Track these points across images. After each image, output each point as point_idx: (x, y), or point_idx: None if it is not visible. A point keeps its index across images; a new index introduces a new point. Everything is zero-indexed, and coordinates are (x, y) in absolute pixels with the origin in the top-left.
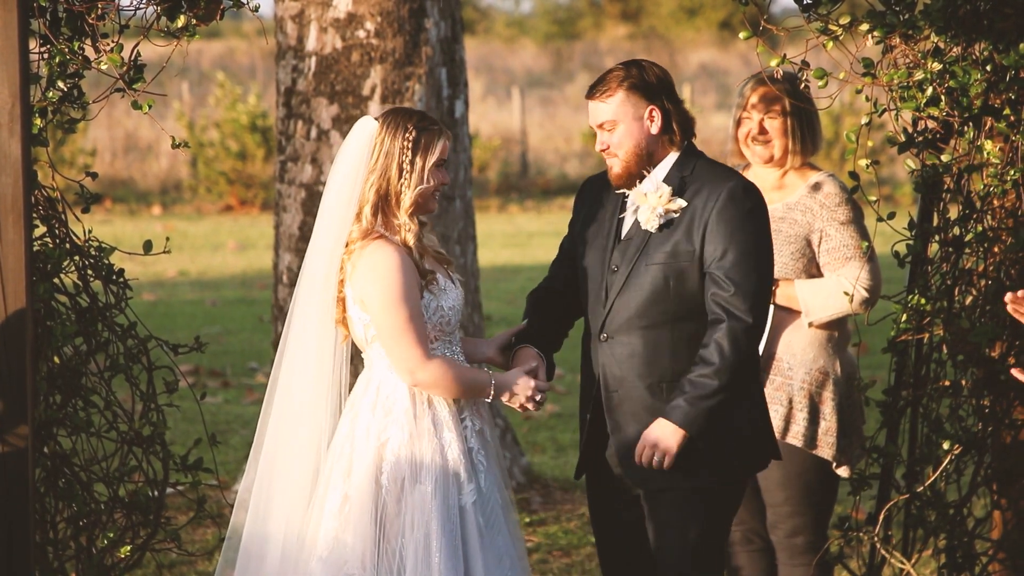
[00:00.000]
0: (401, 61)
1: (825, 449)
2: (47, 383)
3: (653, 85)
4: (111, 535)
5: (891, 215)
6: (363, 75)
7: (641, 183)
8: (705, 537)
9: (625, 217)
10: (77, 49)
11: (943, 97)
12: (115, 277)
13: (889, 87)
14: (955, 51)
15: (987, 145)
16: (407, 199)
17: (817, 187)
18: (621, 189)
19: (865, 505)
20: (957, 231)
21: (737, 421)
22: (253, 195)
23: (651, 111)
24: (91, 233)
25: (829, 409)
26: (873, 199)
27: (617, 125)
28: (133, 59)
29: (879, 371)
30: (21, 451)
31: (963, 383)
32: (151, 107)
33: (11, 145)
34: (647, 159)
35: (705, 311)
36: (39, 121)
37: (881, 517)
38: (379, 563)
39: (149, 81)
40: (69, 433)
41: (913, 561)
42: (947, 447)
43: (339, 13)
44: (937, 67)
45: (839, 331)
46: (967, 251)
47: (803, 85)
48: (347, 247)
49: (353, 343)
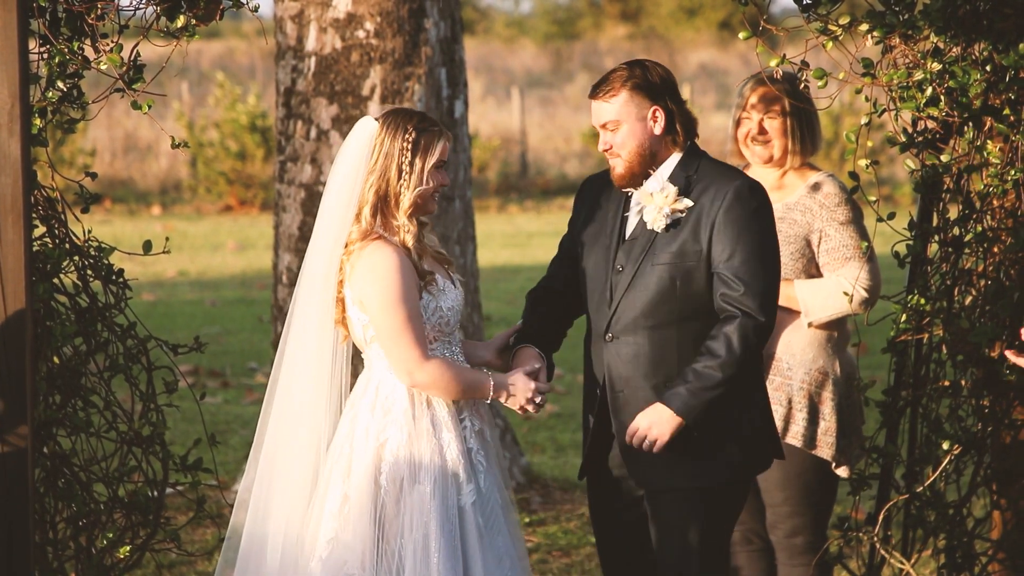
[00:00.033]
0: (401, 61)
1: (824, 449)
2: (47, 383)
3: (657, 85)
4: (111, 535)
5: (891, 215)
6: (363, 75)
7: (646, 183)
8: (708, 537)
9: (629, 217)
10: (77, 49)
11: (943, 97)
12: (115, 277)
13: (889, 87)
14: (955, 51)
15: (989, 146)
16: (406, 200)
17: (816, 187)
18: (625, 189)
19: (865, 505)
20: (957, 231)
21: (741, 421)
22: (253, 195)
23: (654, 111)
24: (91, 233)
25: (828, 409)
26: (873, 199)
27: (620, 125)
28: (133, 59)
29: (879, 371)
30: (21, 451)
31: (963, 383)
32: (151, 107)
33: (11, 145)
34: (650, 159)
35: (711, 311)
36: (39, 121)
37: (881, 517)
38: (378, 563)
39: (149, 81)
40: (69, 433)
41: (913, 561)
42: (947, 447)
43: (339, 13)
44: (937, 67)
45: (838, 331)
46: (967, 251)
47: (803, 85)
48: (346, 248)
49: (353, 343)
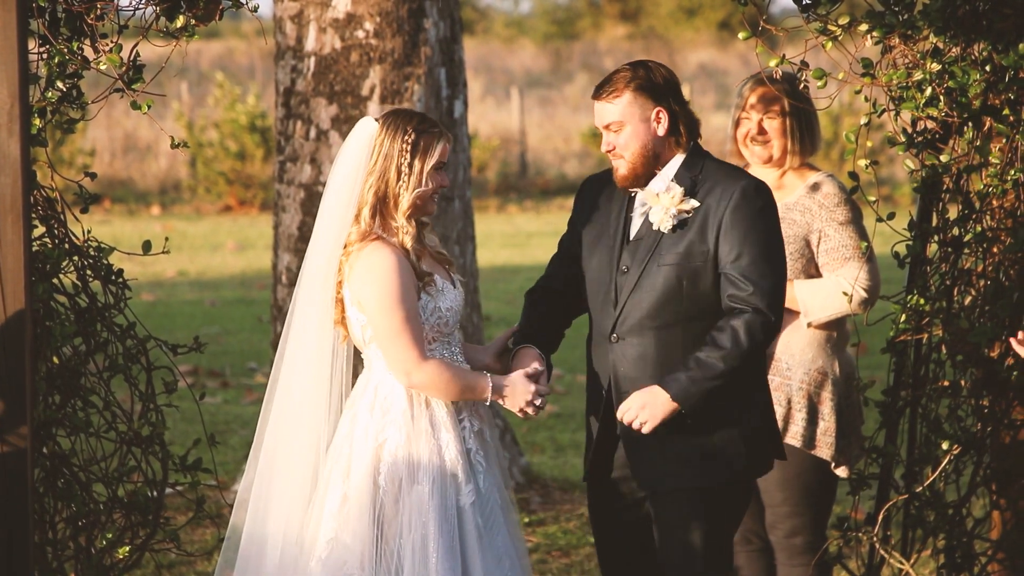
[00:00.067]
0: (400, 61)
1: (824, 449)
2: (46, 383)
3: (660, 86)
4: (110, 535)
5: (891, 215)
6: (362, 75)
7: (651, 184)
8: (711, 538)
9: (633, 217)
10: (76, 49)
11: (942, 97)
12: (114, 277)
13: (888, 87)
14: (954, 51)
15: (992, 147)
16: (405, 201)
17: (816, 187)
18: (629, 190)
19: (864, 505)
20: (956, 231)
21: (744, 421)
22: (252, 195)
23: (658, 112)
24: (90, 233)
25: (828, 409)
26: (872, 199)
27: (624, 126)
28: (132, 59)
29: (878, 371)
30: (20, 451)
31: (962, 383)
32: (150, 107)
33: (10, 145)
34: (654, 161)
35: (717, 311)
36: (38, 121)
37: (880, 517)
38: (378, 564)
39: (148, 81)
40: (68, 433)
41: (912, 561)
42: (946, 447)
43: (338, 13)
44: (936, 67)
45: (838, 331)
46: (966, 251)
47: (802, 85)
48: (345, 248)
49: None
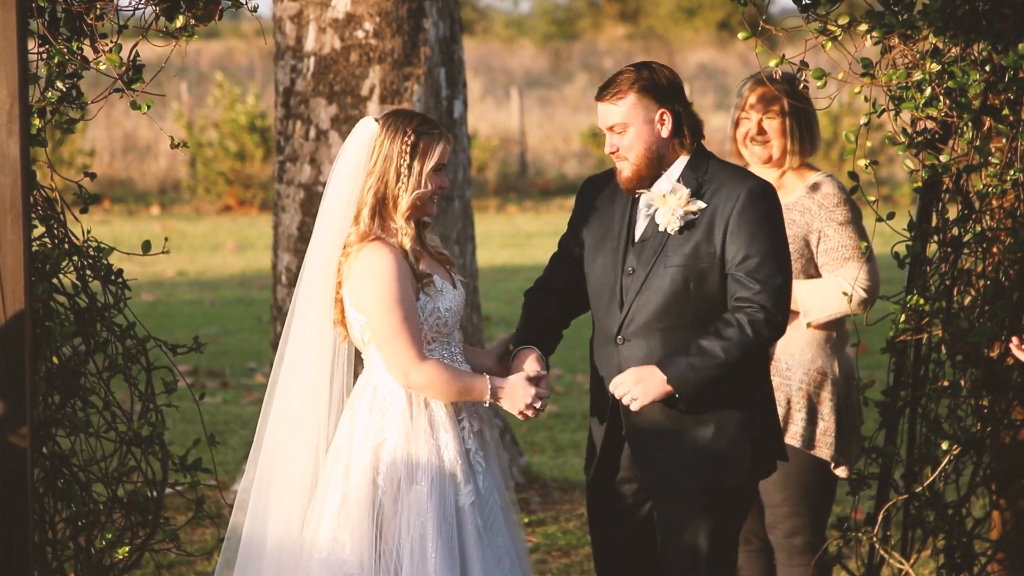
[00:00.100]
0: (400, 61)
1: (823, 449)
2: (46, 383)
3: (664, 88)
4: (110, 535)
5: (890, 215)
6: (362, 75)
7: (656, 185)
8: (717, 539)
9: (638, 219)
10: (76, 49)
11: (942, 97)
12: (114, 277)
13: (888, 87)
14: (954, 51)
15: (992, 147)
16: (404, 203)
17: (815, 187)
18: (633, 192)
19: (864, 505)
20: (956, 231)
21: (751, 423)
22: (252, 195)
23: (662, 114)
24: (90, 233)
25: (827, 409)
26: (872, 199)
27: (628, 128)
28: (132, 59)
29: (878, 371)
30: (20, 451)
31: (962, 383)
32: (150, 107)
33: (10, 145)
34: (657, 162)
35: (723, 312)
36: (38, 121)
37: (880, 517)
38: (377, 564)
39: (148, 81)
40: (68, 433)
41: (912, 561)
42: (946, 447)
43: (338, 13)
44: (936, 67)
45: (837, 331)
46: (966, 251)
47: (802, 85)
48: (344, 249)
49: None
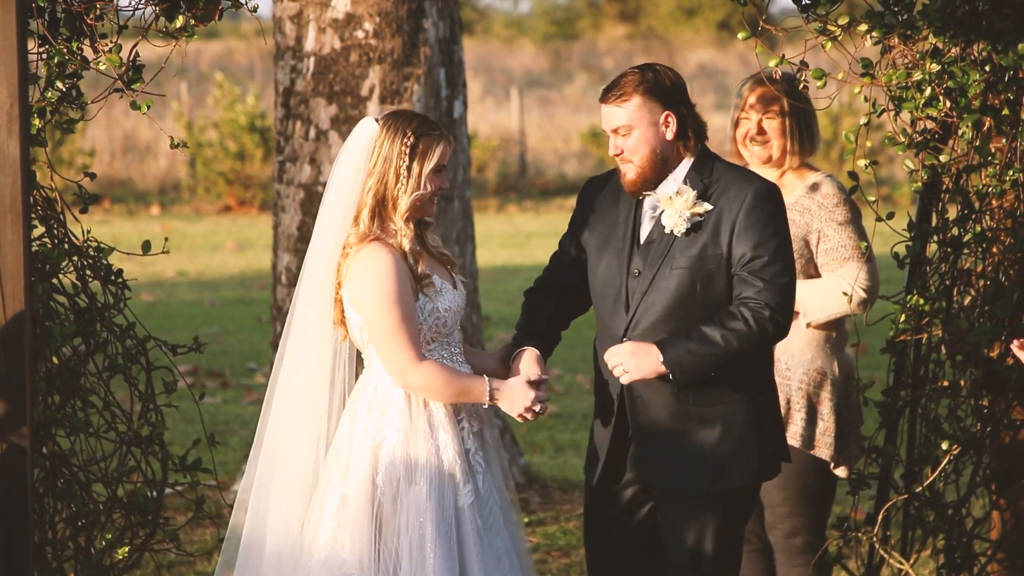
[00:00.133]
0: (400, 61)
1: (823, 449)
2: (46, 383)
3: (669, 90)
4: (110, 535)
5: (890, 215)
6: (362, 75)
7: (661, 187)
8: (721, 540)
9: (643, 221)
10: (76, 49)
11: (941, 97)
12: (114, 277)
13: (888, 87)
14: (953, 51)
15: (991, 147)
16: (403, 204)
17: (815, 187)
18: (637, 194)
19: (864, 505)
20: (956, 231)
21: (757, 425)
22: (252, 195)
23: (667, 116)
24: (90, 233)
25: (827, 409)
26: (872, 199)
27: (632, 130)
28: (132, 59)
29: (878, 371)
30: (20, 451)
31: (962, 383)
32: (150, 107)
33: (10, 145)
34: (662, 165)
35: None
36: (38, 121)
37: (880, 517)
38: (377, 564)
39: (148, 81)
40: (68, 433)
41: (912, 561)
42: (946, 447)
43: (337, 13)
44: (936, 68)
45: (837, 332)
46: (966, 251)
47: (801, 85)
48: (344, 249)
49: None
